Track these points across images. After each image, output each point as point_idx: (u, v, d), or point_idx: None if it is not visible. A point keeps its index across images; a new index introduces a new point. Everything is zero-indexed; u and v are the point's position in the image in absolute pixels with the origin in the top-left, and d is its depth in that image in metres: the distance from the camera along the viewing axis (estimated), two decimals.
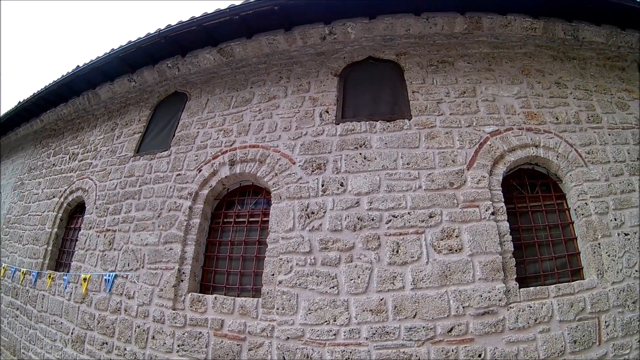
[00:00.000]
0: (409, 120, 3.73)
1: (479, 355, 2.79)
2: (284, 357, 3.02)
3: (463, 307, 2.90)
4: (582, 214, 3.36)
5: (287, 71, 4.57)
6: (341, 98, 4.13)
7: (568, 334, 2.89)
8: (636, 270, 3.20)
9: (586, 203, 3.40)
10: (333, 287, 3.10)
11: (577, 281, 3.14)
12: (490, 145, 3.54)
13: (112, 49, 5.14)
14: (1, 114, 7.43)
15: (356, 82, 4.27)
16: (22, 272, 5.13)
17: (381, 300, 2.97)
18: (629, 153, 3.72)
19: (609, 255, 3.24)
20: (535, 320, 2.90)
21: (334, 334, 2.96)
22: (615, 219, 3.39)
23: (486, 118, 3.73)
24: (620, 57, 4.44)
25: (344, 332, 2.95)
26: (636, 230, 3.36)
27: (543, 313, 2.92)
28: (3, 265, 5.68)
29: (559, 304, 2.96)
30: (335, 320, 3.00)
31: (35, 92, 6.32)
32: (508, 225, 3.19)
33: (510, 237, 3.15)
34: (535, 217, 3.50)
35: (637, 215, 3.40)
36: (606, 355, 2.92)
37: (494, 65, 4.16)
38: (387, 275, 3.04)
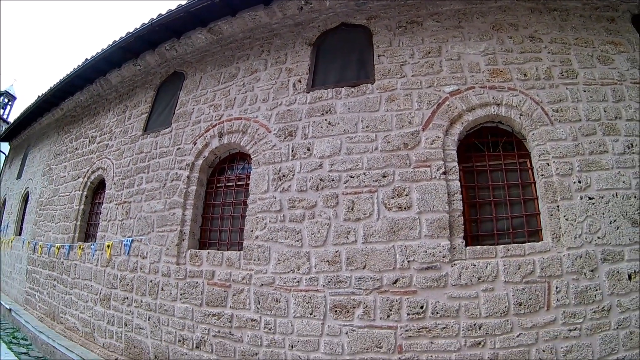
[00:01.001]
0: (372, 84, 4.07)
1: (421, 307, 3.18)
2: (259, 301, 3.68)
3: (408, 262, 3.30)
4: (542, 175, 3.41)
5: (268, 44, 5.01)
6: (313, 67, 4.54)
7: (513, 295, 3.09)
8: (598, 237, 3.19)
9: (548, 163, 3.44)
10: (298, 241, 3.69)
11: (529, 243, 3.25)
12: (448, 105, 3.76)
13: (114, 41, 5.87)
14: (24, 108, 8.57)
15: (328, 49, 4.63)
16: (57, 247, 6.25)
17: (336, 252, 3.52)
18: (605, 111, 3.60)
19: (567, 219, 3.26)
20: (479, 279, 3.16)
21: (297, 281, 3.57)
22: (580, 182, 3.36)
23: (448, 78, 3.91)
24: (610, 7, 4.20)
25: (305, 279, 3.55)
26: (604, 194, 3.31)
27: (487, 272, 3.16)
28: (39, 244, 6.86)
29: (504, 265, 3.15)
30: (299, 269, 3.60)
31: (52, 85, 7.36)
32: (459, 184, 3.46)
33: (460, 196, 3.43)
34: (495, 176, 3.65)
35: (607, 179, 3.34)
36: (555, 321, 3.03)
37: (464, 22, 4.20)
38: (343, 230, 3.56)
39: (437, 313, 3.15)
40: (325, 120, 4.05)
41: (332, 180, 3.76)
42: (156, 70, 6.18)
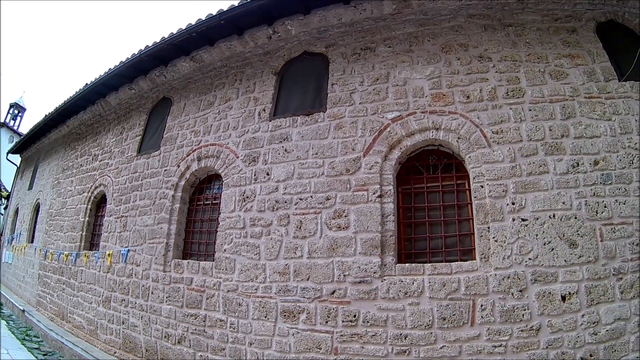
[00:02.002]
0: (324, 113, 4.65)
1: (354, 316, 3.72)
2: (226, 304, 4.48)
3: (344, 275, 3.86)
4: (476, 197, 3.68)
5: (241, 73, 5.73)
6: (276, 95, 5.19)
7: (437, 310, 3.46)
8: (529, 259, 3.39)
9: (482, 185, 3.69)
10: (256, 254, 4.44)
11: (457, 263, 3.58)
12: (389, 131, 4.23)
13: (110, 69, 6.78)
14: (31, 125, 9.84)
15: (291, 78, 5.25)
16: (65, 255, 7.26)
17: (286, 265, 4.23)
18: (550, 130, 3.73)
19: (496, 241, 3.49)
20: (405, 294, 3.58)
21: (255, 289, 4.33)
22: (514, 203, 3.55)
23: (392, 104, 4.27)
24: (573, 17, 4.28)
25: (262, 287, 4.30)
26: (539, 215, 3.49)
27: (413, 288, 3.58)
28: (50, 251, 7.89)
29: (430, 282, 3.53)
30: (256, 279, 4.36)
31: (57, 106, 8.49)
32: (392, 207, 3.91)
33: (394, 217, 3.88)
34: (433, 197, 4.01)
35: (544, 200, 3.52)
36: (479, 337, 3.31)
37: (415, 45, 4.51)
38: (292, 246, 4.27)
39: (367, 322, 3.66)
40: (283, 147, 4.74)
41: (285, 202, 4.47)
42: (148, 94, 7.02)
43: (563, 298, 3.31)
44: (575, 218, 3.47)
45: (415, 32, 4.62)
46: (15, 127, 22.70)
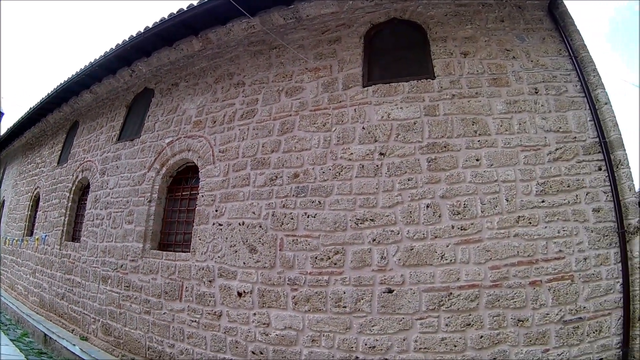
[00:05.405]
0: (139, 139, 7.57)
1: (128, 284, 6.24)
2: (82, 271, 7.77)
3: (127, 254, 6.46)
4: (197, 204, 5.53)
5: (112, 105, 8.90)
6: (122, 124, 8.29)
7: (163, 285, 5.48)
8: (219, 257, 4.82)
9: (202, 195, 5.43)
10: (95, 238, 7.65)
11: (178, 253, 5.54)
12: (164, 153, 6.71)
13: (42, 98, 10.25)
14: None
15: (134, 110, 8.30)
16: (16, 240, 11.05)
17: (105, 246, 7.36)
18: (263, 146, 4.97)
19: (200, 239, 5.13)
20: (151, 271, 5.85)
21: (93, 262, 7.55)
22: (217, 211, 5.04)
23: (171, 132, 6.62)
24: (345, 25, 5.07)
25: (96, 260, 7.49)
26: (232, 222, 4.88)
27: (155, 268, 5.80)
28: (7, 238, 11.78)
29: (161, 265, 5.66)
30: (94, 255, 7.56)
31: (14, 122, 12.30)
32: (155, 209, 6.34)
33: (154, 217, 6.30)
34: (186, 202, 6.19)
35: (239, 209, 4.88)
36: (184, 310, 5.01)
37: (201, 79, 6.55)
38: (109, 233, 7.33)
39: (134, 288, 6.14)
40: (116, 165, 7.82)
41: (111, 203, 7.56)
42: (69, 117, 10.52)
43: (239, 294, 4.43)
44: (260, 227, 4.63)
45: (206, 66, 6.60)
46: None
